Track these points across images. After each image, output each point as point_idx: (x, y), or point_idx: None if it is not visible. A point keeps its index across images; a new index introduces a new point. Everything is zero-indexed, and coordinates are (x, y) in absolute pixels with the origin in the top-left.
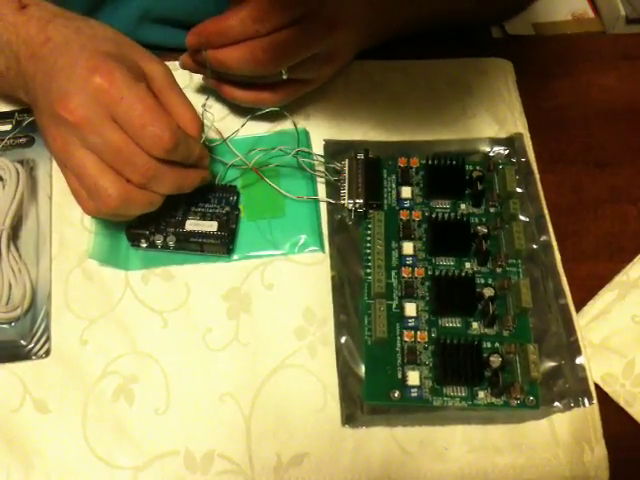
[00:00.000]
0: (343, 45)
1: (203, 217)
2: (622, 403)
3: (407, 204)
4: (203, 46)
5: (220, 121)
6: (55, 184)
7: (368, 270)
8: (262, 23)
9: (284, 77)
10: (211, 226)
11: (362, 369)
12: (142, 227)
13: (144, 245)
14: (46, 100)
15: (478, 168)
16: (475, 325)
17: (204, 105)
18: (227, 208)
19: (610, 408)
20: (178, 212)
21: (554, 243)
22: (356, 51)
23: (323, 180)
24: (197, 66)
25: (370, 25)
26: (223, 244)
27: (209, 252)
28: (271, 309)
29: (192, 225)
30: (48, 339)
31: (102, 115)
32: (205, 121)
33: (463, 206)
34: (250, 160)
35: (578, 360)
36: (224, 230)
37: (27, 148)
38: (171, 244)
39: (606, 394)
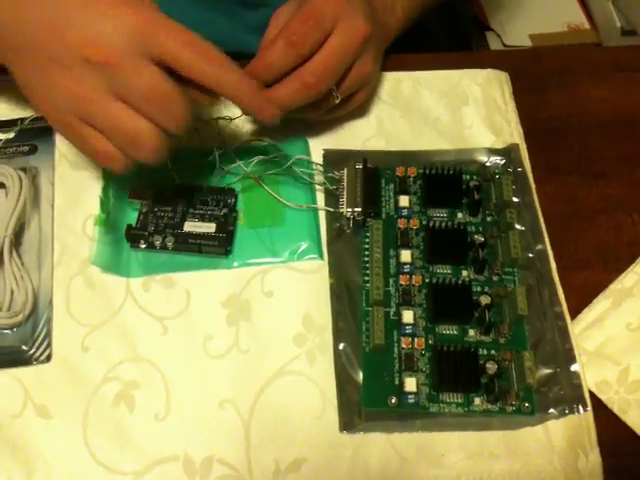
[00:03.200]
0: (376, 46)
1: (201, 219)
2: (616, 410)
3: (405, 213)
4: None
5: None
6: (57, 191)
7: (366, 278)
8: (302, 45)
9: (337, 101)
10: (209, 227)
11: (360, 376)
12: (141, 228)
13: (143, 246)
14: (55, 45)
15: (475, 178)
16: (472, 332)
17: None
18: (225, 210)
19: (605, 415)
20: (177, 214)
21: (550, 252)
22: (384, 48)
23: (322, 189)
24: None
25: (384, 19)
26: (221, 245)
27: (207, 253)
28: (270, 316)
29: (190, 226)
30: (49, 345)
31: (139, 53)
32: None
33: (460, 215)
34: (250, 168)
35: (573, 367)
36: (222, 231)
37: (30, 156)
38: (170, 245)
39: (601, 401)
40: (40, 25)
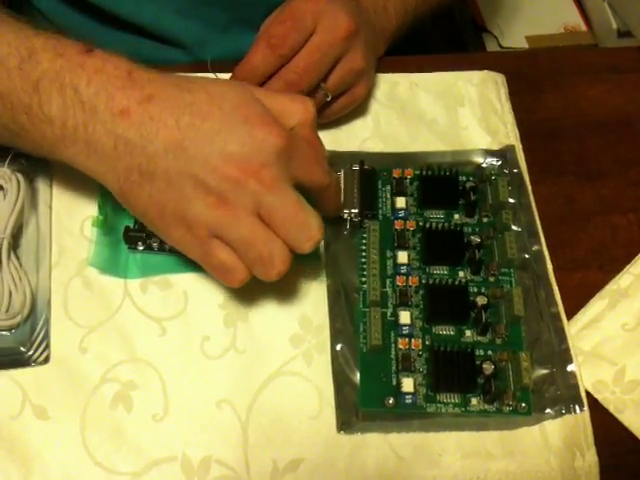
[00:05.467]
0: (363, 42)
1: None
2: (612, 410)
3: (402, 214)
4: None
5: None
6: (55, 194)
7: (363, 279)
8: (281, 46)
9: (328, 99)
10: None
11: (357, 376)
12: (139, 230)
13: (141, 248)
14: (194, 163)
15: (471, 179)
16: (468, 333)
17: None
18: None
19: (601, 415)
20: None
21: (546, 252)
22: (378, 48)
23: None
24: None
25: (377, 20)
26: None
27: None
28: (267, 317)
29: None
30: (47, 346)
31: (283, 175)
32: None
33: (456, 216)
34: None
35: (569, 367)
36: None
37: (27, 158)
38: (167, 247)
39: (597, 401)
40: (158, 147)
